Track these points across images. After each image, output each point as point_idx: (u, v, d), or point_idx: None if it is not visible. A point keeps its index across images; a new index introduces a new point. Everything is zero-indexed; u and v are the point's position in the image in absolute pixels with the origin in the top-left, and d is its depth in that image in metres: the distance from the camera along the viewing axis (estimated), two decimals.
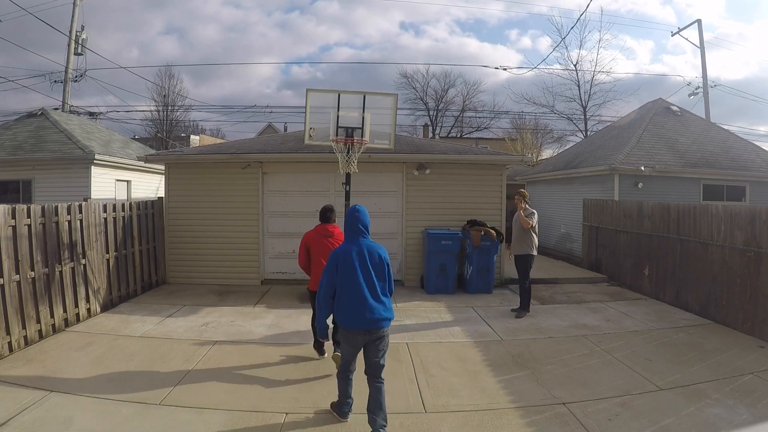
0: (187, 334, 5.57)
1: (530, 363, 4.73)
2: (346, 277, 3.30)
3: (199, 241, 8.51)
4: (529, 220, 6.55)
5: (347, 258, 3.33)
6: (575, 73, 26.47)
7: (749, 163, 11.51)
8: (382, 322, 3.29)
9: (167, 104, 29.19)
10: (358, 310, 3.25)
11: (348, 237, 3.48)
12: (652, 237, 7.81)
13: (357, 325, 3.26)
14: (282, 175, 8.69)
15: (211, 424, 3.48)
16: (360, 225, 3.45)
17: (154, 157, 9.18)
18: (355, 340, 3.32)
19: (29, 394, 3.84)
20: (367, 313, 3.25)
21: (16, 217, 4.97)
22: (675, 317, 6.49)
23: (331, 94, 7.00)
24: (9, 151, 11.16)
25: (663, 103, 14.08)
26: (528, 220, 6.54)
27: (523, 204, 6.69)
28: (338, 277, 3.32)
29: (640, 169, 10.31)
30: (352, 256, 3.33)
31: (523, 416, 3.65)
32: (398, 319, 6.25)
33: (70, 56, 18.23)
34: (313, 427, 3.48)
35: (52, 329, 5.43)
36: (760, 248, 5.56)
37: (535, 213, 6.69)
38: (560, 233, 12.83)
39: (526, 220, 6.54)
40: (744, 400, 3.86)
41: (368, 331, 3.27)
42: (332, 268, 3.35)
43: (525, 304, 6.59)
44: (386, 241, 6.61)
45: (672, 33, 24.81)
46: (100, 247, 6.55)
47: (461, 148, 10.80)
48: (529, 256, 6.63)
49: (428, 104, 33.41)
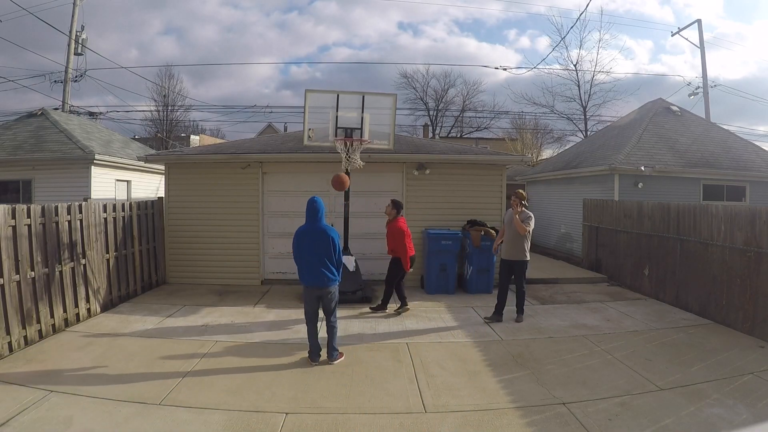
0: (187, 334, 5.57)
1: (530, 363, 4.73)
2: (300, 249, 4.63)
3: (199, 241, 8.51)
4: (525, 225, 6.01)
5: (301, 236, 4.67)
6: (575, 73, 26.52)
7: (749, 163, 11.51)
8: (325, 281, 4.59)
9: (167, 104, 29.21)
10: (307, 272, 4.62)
11: (307, 220, 4.74)
12: (652, 237, 7.81)
13: (308, 282, 4.63)
14: (282, 175, 8.69)
15: (211, 424, 3.48)
16: (312, 212, 4.70)
17: (154, 157, 9.18)
18: (310, 293, 4.65)
19: (29, 394, 3.84)
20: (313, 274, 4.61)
21: (16, 217, 4.97)
22: (675, 317, 6.49)
23: (329, 95, 7.01)
24: (9, 151, 11.16)
25: (663, 103, 14.08)
26: (524, 226, 6.00)
27: (520, 207, 6.12)
28: (296, 249, 4.67)
29: (640, 169, 10.31)
30: (303, 235, 4.66)
31: (523, 416, 3.65)
32: (398, 319, 6.26)
33: (70, 56, 18.23)
34: (313, 426, 3.48)
35: (52, 329, 5.43)
36: (760, 248, 5.56)
37: (532, 217, 6.15)
38: (560, 233, 12.83)
39: (522, 225, 5.99)
40: (744, 400, 3.86)
41: (317, 287, 4.60)
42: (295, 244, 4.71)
43: (521, 308, 6.30)
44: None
45: (672, 33, 24.84)
46: (100, 247, 6.55)
47: (461, 148, 10.80)
48: (523, 263, 6.21)
49: (428, 104, 33.44)
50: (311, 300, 4.71)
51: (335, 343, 4.80)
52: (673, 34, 22.58)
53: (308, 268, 4.63)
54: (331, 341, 4.77)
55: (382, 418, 3.61)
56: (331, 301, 4.70)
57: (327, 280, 4.60)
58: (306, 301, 4.77)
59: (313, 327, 4.78)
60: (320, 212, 4.72)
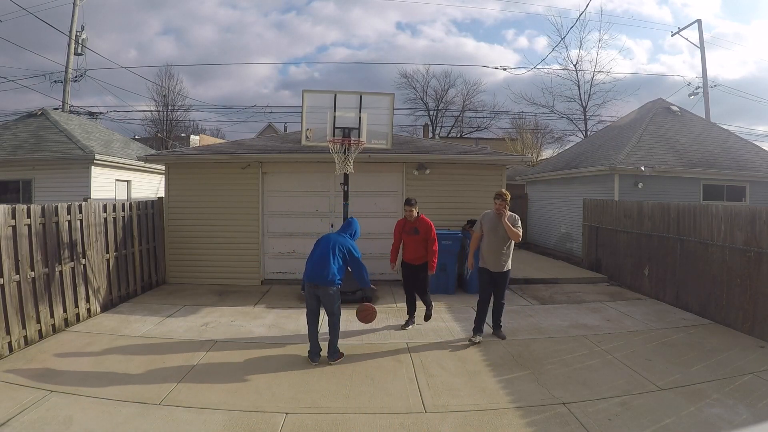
0: (187, 334, 5.57)
1: (530, 363, 4.73)
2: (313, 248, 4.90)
3: (199, 241, 8.51)
4: (517, 230, 5.27)
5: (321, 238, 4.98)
6: (575, 73, 26.53)
7: (749, 163, 11.51)
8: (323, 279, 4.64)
9: (167, 104, 29.22)
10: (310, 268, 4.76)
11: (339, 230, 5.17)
12: (652, 237, 7.81)
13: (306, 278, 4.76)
14: (282, 175, 8.69)
15: (211, 424, 3.48)
16: (345, 225, 5.23)
17: (154, 157, 9.19)
18: (309, 290, 4.73)
19: (29, 394, 3.84)
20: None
21: (16, 217, 4.97)
22: (675, 317, 6.48)
23: (327, 95, 6.99)
24: (9, 151, 11.16)
25: (663, 103, 14.07)
26: (517, 231, 5.25)
27: (506, 209, 5.30)
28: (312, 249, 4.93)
29: (640, 169, 10.31)
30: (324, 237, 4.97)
31: (523, 416, 3.64)
32: (398, 319, 6.26)
33: (70, 56, 18.23)
34: (313, 426, 3.48)
35: (52, 329, 5.43)
36: (760, 248, 5.56)
37: (518, 219, 5.43)
38: (560, 233, 12.83)
39: (515, 231, 5.23)
40: (744, 400, 3.86)
41: (315, 284, 4.66)
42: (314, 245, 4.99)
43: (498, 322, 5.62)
44: (386, 241, 6.57)
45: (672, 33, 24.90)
46: (100, 246, 6.55)
47: (461, 148, 10.80)
48: (508, 274, 5.48)
49: (428, 104, 33.47)
50: (310, 298, 4.75)
51: (336, 344, 4.80)
52: (673, 34, 22.60)
53: (311, 265, 4.74)
54: (333, 342, 4.77)
55: (382, 418, 3.61)
56: (332, 303, 4.69)
57: (325, 277, 4.60)
58: (306, 299, 4.83)
59: (313, 327, 4.79)
60: (350, 228, 5.12)
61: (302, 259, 5.43)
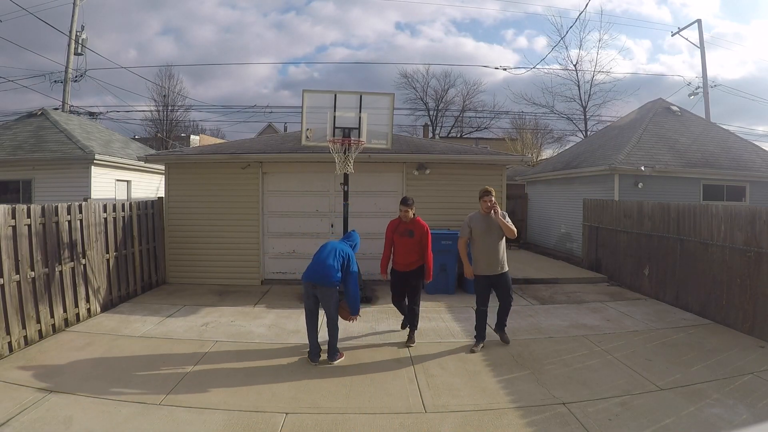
0: (187, 334, 5.57)
1: (530, 363, 4.73)
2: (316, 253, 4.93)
3: (199, 241, 8.51)
4: (511, 225, 5.04)
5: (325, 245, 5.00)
6: (575, 73, 26.54)
7: (749, 163, 11.51)
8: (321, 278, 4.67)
9: (167, 104, 29.22)
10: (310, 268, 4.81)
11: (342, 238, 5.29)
12: (652, 237, 7.81)
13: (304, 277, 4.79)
14: (282, 175, 8.69)
15: (211, 424, 3.48)
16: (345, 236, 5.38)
17: (154, 157, 9.19)
18: (306, 289, 4.76)
19: (29, 394, 3.84)
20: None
21: (16, 216, 4.97)
22: (675, 317, 6.48)
23: (327, 95, 6.99)
24: (9, 151, 11.16)
25: (663, 103, 14.07)
26: (511, 227, 5.00)
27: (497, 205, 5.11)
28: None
29: (640, 169, 10.31)
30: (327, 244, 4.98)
31: (523, 416, 3.64)
32: (398, 320, 6.25)
33: (70, 56, 18.23)
34: (313, 426, 3.48)
35: (52, 329, 5.43)
36: (760, 248, 5.56)
37: (506, 215, 5.23)
38: (560, 233, 12.83)
39: (510, 227, 4.99)
40: (744, 400, 3.86)
41: (312, 283, 4.70)
42: None
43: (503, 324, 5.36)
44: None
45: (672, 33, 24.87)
46: (100, 247, 6.55)
47: (461, 148, 10.80)
48: (508, 274, 5.20)
49: (428, 104, 33.48)
50: (308, 298, 4.77)
51: (336, 344, 4.81)
52: (673, 35, 22.60)
53: (311, 266, 4.79)
54: (332, 342, 4.78)
55: (382, 418, 3.61)
56: (330, 304, 4.71)
57: (323, 277, 4.63)
58: (304, 300, 4.84)
59: (312, 327, 4.81)
60: (351, 239, 5.22)
61: (302, 259, 5.47)
